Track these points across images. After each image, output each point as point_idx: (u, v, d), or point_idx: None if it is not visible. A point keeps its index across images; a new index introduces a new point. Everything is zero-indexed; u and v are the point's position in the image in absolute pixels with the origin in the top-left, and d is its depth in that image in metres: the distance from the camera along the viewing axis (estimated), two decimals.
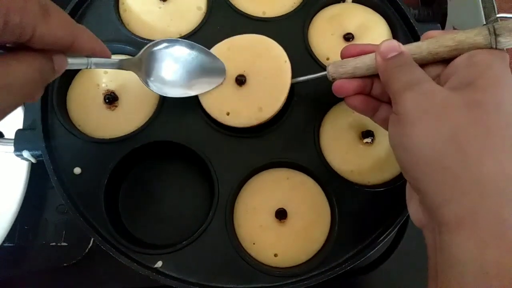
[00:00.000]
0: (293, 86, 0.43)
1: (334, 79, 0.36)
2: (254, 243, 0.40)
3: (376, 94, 0.36)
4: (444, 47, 0.32)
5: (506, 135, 0.27)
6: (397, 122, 0.30)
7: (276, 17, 0.47)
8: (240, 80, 0.40)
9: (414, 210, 0.32)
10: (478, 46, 0.31)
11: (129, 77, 0.44)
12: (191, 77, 0.39)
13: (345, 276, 0.44)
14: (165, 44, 0.38)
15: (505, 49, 0.31)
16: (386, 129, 0.33)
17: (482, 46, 0.31)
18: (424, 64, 0.33)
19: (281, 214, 0.40)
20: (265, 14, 0.47)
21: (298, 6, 0.47)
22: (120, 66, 0.36)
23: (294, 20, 0.46)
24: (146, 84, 0.38)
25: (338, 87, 0.36)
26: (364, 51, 0.35)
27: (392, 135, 0.31)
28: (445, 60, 0.32)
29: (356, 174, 0.42)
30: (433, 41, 0.32)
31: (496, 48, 0.30)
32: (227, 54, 0.41)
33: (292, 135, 0.42)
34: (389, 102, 0.35)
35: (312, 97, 0.44)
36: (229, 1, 0.47)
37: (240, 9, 0.46)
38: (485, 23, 0.57)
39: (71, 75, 0.44)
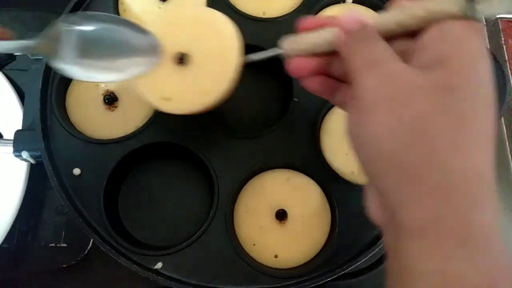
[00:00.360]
0: (291, 87, 0.43)
1: (289, 57, 0.31)
2: (254, 244, 0.40)
3: (337, 74, 0.30)
4: (413, 18, 0.27)
5: (482, 126, 0.23)
6: (354, 108, 0.25)
7: (276, 17, 0.46)
8: (181, 59, 0.34)
9: (373, 206, 0.27)
10: (451, 15, 0.26)
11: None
12: (117, 57, 0.32)
13: (346, 277, 0.44)
14: (77, 19, 0.31)
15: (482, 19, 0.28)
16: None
17: (456, 15, 0.26)
18: (392, 37, 0.28)
19: (281, 215, 0.40)
20: (265, 14, 0.47)
21: (299, 7, 0.47)
22: (23, 50, 0.30)
23: (294, 21, 0.46)
24: (61, 70, 0.30)
25: (295, 67, 0.30)
26: (324, 24, 0.30)
27: (347, 122, 0.26)
28: (415, 34, 0.27)
29: (357, 175, 0.42)
30: (401, 11, 0.28)
31: (472, 18, 0.25)
32: (165, 30, 0.35)
33: (292, 136, 0.42)
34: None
35: (312, 98, 0.43)
36: (229, 1, 0.46)
37: (240, 9, 0.46)
38: (484, 24, 0.57)
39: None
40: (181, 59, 0.34)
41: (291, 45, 0.31)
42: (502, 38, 0.55)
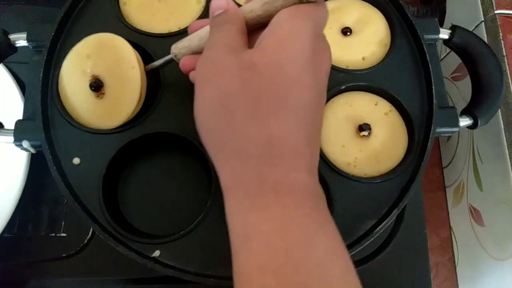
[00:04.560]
0: None
1: (179, 59, 0.35)
2: None
3: None
4: (275, 7, 0.28)
5: (279, 96, 0.26)
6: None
7: None
8: (96, 86, 0.40)
9: None
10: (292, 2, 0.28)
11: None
12: None
13: None
14: None
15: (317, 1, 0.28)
16: None
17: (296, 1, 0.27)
18: (262, 25, 0.30)
19: None
20: None
21: None
22: None
23: None
24: None
25: (182, 64, 0.34)
26: (206, 24, 0.33)
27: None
28: None
29: (353, 166, 0.42)
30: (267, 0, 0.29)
31: (306, 2, 0.27)
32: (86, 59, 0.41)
33: None
34: None
35: None
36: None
37: (239, 2, 0.47)
38: (483, 19, 0.58)
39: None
40: (97, 86, 0.40)
41: (176, 49, 0.35)
42: (501, 34, 0.55)
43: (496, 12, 0.56)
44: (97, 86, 0.40)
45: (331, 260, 0.24)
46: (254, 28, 0.31)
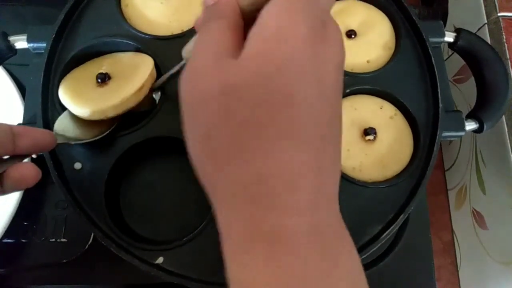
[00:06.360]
0: None
1: None
2: None
3: None
4: None
5: (264, 125, 0.21)
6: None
7: None
8: (102, 78, 0.41)
9: None
10: None
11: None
12: None
13: None
14: None
15: None
16: None
17: None
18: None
19: None
20: None
21: None
22: None
23: None
24: None
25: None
26: None
27: None
28: None
29: (358, 171, 0.42)
30: None
31: None
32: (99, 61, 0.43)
33: None
34: None
35: None
36: None
37: None
38: (486, 22, 0.57)
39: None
40: (103, 77, 0.41)
41: (186, 52, 0.33)
42: (504, 36, 0.55)
43: (499, 14, 0.56)
44: (103, 78, 0.41)
45: None
46: (252, 15, 0.24)
